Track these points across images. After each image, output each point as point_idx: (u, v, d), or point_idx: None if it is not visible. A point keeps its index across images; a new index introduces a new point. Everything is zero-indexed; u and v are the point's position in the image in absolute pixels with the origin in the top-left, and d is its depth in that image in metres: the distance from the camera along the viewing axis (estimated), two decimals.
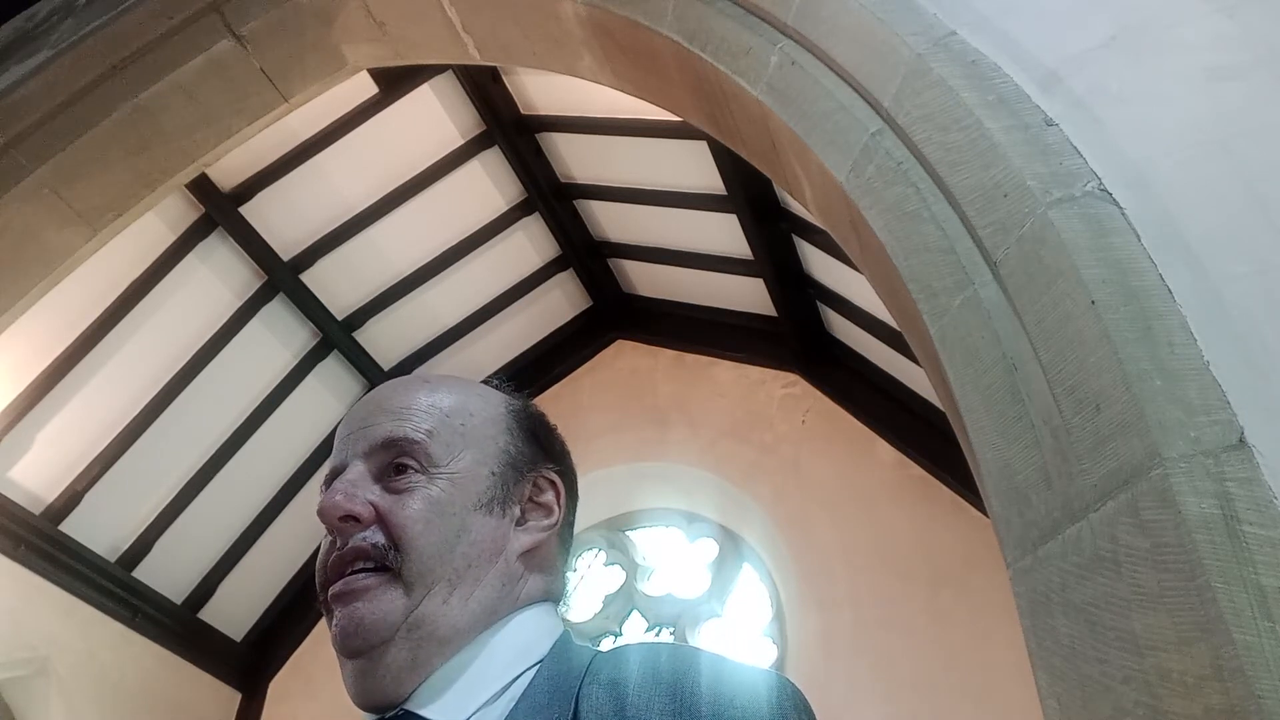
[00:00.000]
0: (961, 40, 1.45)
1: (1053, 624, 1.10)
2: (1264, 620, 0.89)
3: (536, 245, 5.71)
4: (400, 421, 0.96)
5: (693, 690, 0.79)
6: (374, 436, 0.95)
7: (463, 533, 0.92)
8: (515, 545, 0.96)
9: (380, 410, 0.98)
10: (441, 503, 0.92)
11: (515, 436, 1.01)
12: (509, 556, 0.95)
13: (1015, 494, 1.19)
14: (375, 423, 0.96)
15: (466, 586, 0.91)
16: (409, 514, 0.91)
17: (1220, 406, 1.02)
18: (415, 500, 0.92)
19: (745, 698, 0.79)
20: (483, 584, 0.92)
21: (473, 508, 0.94)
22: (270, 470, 5.37)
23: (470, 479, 0.95)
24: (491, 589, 0.93)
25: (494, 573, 0.93)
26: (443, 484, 0.94)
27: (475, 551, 0.92)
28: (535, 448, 1.02)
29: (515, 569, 0.95)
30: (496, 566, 0.94)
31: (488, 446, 0.98)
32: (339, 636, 0.89)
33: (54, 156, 2.57)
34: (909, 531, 4.48)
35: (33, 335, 4.14)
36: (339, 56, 2.65)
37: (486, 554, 0.93)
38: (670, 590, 5.31)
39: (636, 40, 2.06)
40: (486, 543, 0.94)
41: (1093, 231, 1.19)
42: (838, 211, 1.68)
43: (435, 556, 0.90)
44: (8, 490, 4.42)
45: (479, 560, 0.92)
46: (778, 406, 5.24)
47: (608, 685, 0.82)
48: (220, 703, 5.41)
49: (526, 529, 0.97)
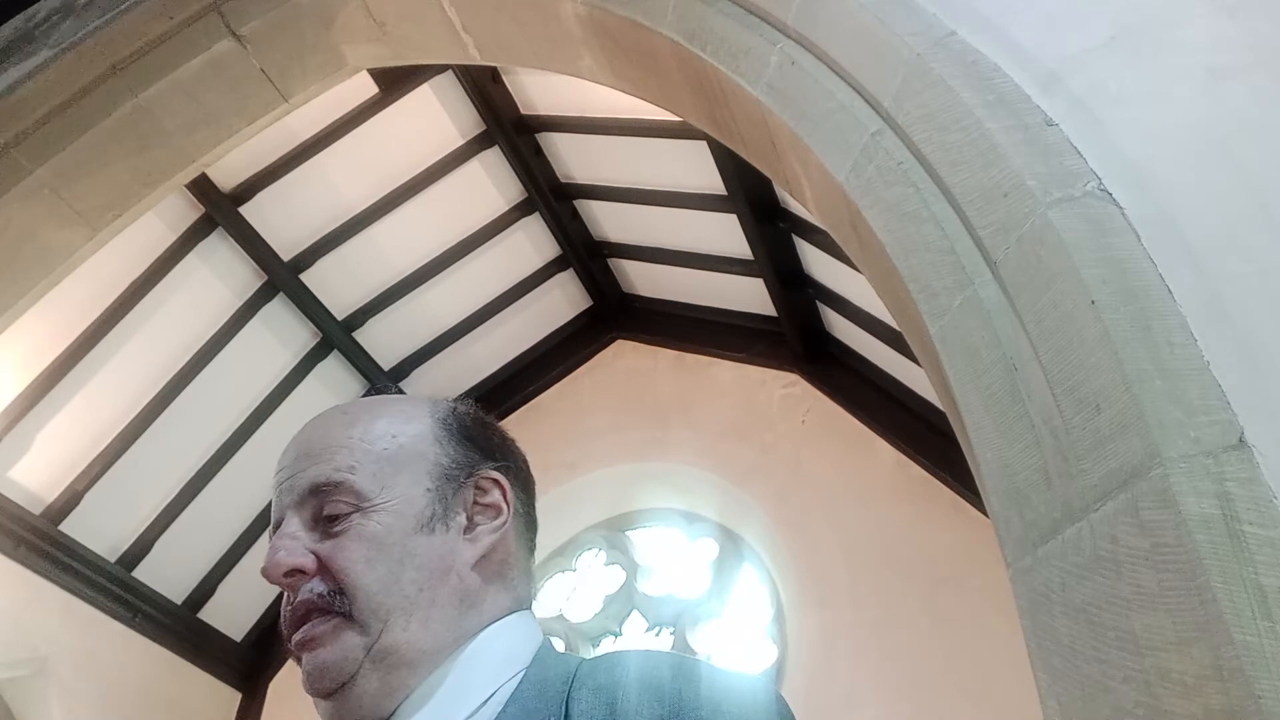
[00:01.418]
0: (961, 40, 1.45)
1: (1053, 624, 1.10)
2: (1264, 620, 0.89)
3: (536, 245, 5.71)
4: (322, 465, 0.95)
5: (683, 697, 0.79)
6: (300, 485, 0.95)
7: (406, 559, 0.92)
8: (465, 557, 0.95)
9: (303, 455, 0.97)
10: (379, 537, 0.92)
11: (446, 445, 1.00)
12: (460, 571, 0.94)
13: (1015, 494, 1.20)
14: (299, 470, 0.96)
15: (422, 610, 0.91)
16: (348, 557, 0.91)
17: (1220, 406, 1.02)
18: (351, 541, 0.92)
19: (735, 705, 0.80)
20: (438, 604, 0.92)
21: (413, 531, 0.93)
22: (271, 470, 5.34)
23: (405, 503, 0.94)
24: (449, 605, 0.92)
25: (447, 590, 0.93)
26: (378, 517, 0.93)
27: (424, 575, 0.92)
28: (470, 450, 1.00)
29: (471, 581, 0.95)
30: (449, 583, 0.93)
31: (418, 464, 0.97)
32: (307, 682, 0.91)
33: (54, 156, 2.57)
34: (909, 531, 4.47)
35: (33, 335, 4.14)
36: (339, 56, 2.66)
37: (436, 574, 0.93)
38: (670, 590, 5.31)
39: (636, 40, 2.06)
40: (434, 563, 0.93)
41: (1093, 231, 1.19)
42: (838, 211, 1.68)
43: (382, 591, 0.90)
44: (8, 490, 4.42)
45: (429, 582, 0.92)
46: (778, 406, 5.24)
47: (597, 690, 0.83)
48: (220, 703, 5.41)
49: (475, 536, 0.96)
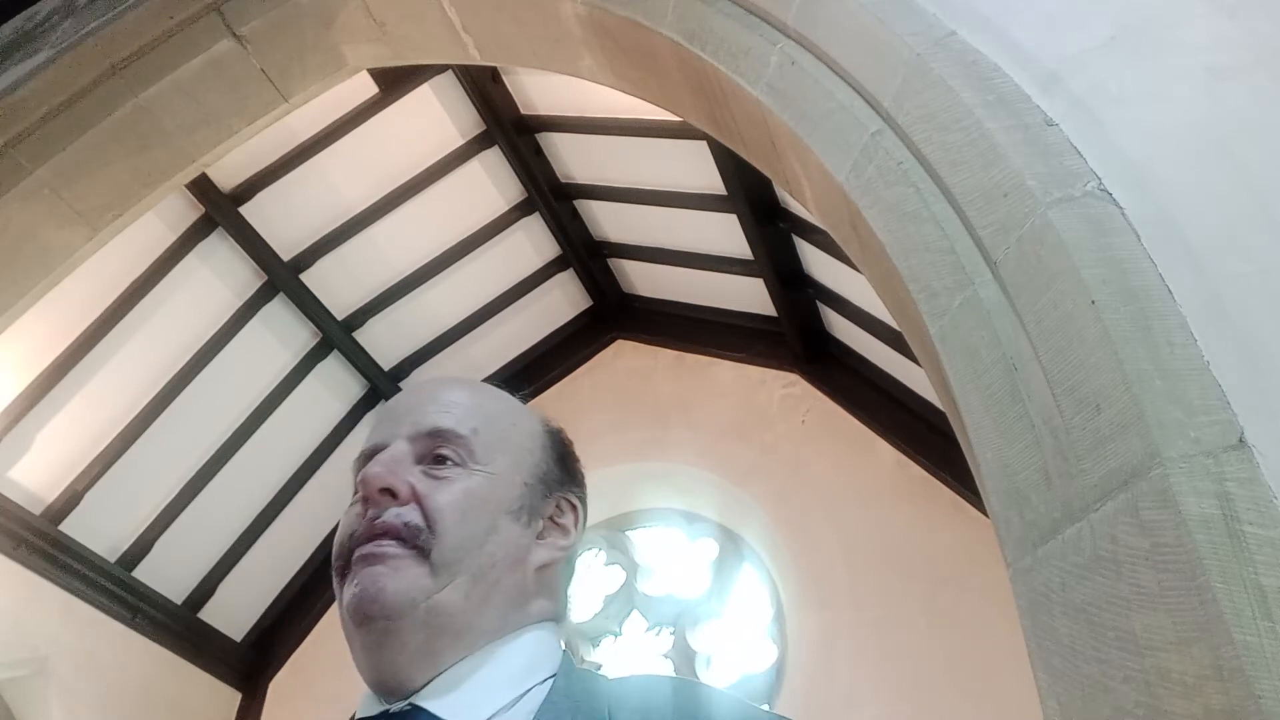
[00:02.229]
0: (961, 40, 1.45)
1: (1053, 624, 1.10)
2: (1264, 620, 0.89)
3: (536, 245, 5.71)
4: (448, 413, 0.98)
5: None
6: (421, 423, 0.97)
7: (492, 532, 0.93)
8: (535, 558, 0.97)
9: (430, 400, 1.00)
10: (478, 497, 0.94)
11: (547, 454, 1.04)
12: (528, 568, 0.96)
13: (1015, 494, 1.20)
14: (424, 410, 0.99)
15: (486, 586, 0.92)
16: (447, 500, 0.92)
17: (1220, 406, 1.02)
18: (454, 489, 0.93)
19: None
20: (501, 587, 0.93)
21: (504, 511, 0.95)
22: (271, 470, 5.37)
23: (505, 483, 0.97)
24: (508, 594, 0.93)
25: (513, 579, 0.94)
26: (480, 480, 0.95)
27: (501, 553, 0.93)
28: (561, 470, 1.04)
29: (530, 582, 0.96)
30: (515, 574, 0.95)
31: (524, 457, 1.01)
32: (356, 599, 0.88)
33: (54, 156, 2.57)
34: (909, 531, 4.47)
35: (33, 335, 4.14)
36: (339, 56, 2.66)
37: (510, 559, 0.94)
38: (670, 590, 5.31)
39: (636, 40, 2.06)
40: (511, 547, 0.95)
41: (1093, 231, 1.19)
42: (838, 211, 1.68)
43: (464, 548, 0.91)
44: (8, 490, 4.42)
45: (502, 563, 0.93)
46: (778, 406, 5.24)
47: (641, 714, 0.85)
48: (220, 703, 5.41)
49: (545, 545, 0.98)
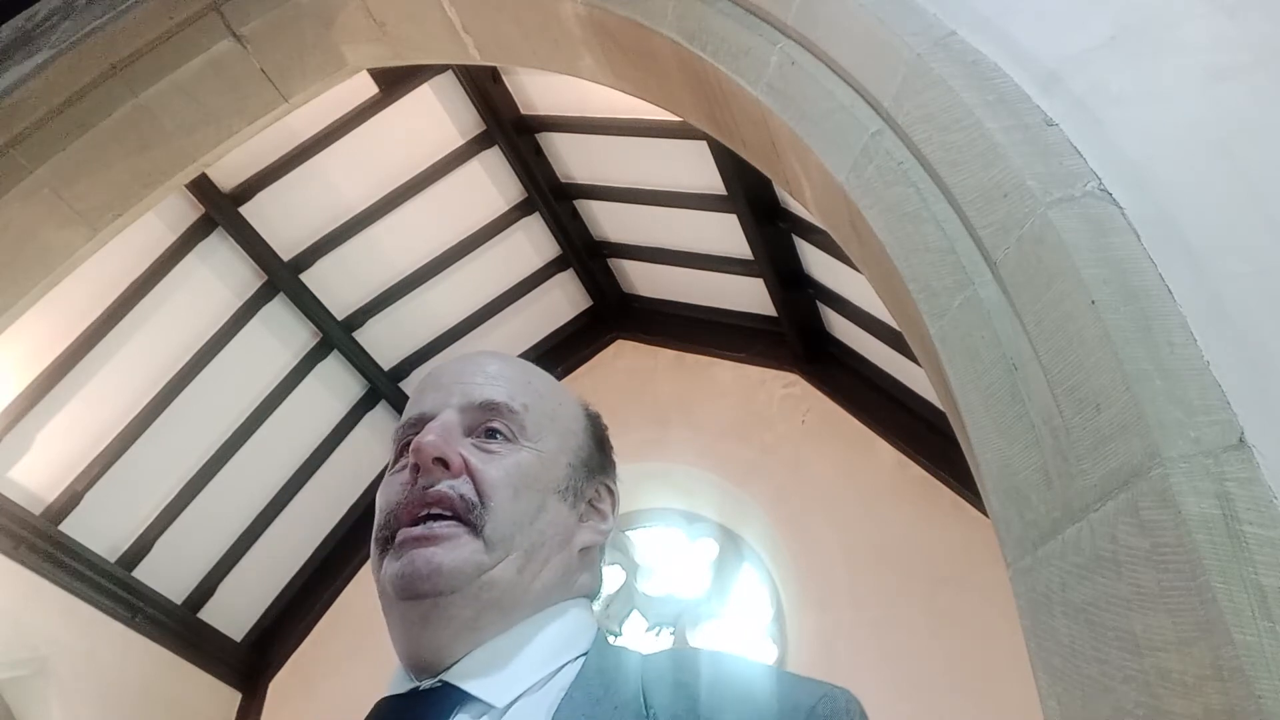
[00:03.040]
0: (961, 40, 1.45)
1: (1053, 624, 1.10)
2: (1264, 620, 0.89)
3: (536, 245, 5.71)
4: (499, 387, 0.97)
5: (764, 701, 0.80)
6: (473, 394, 0.96)
7: (542, 510, 0.93)
8: (579, 539, 0.97)
9: (479, 371, 0.99)
10: (529, 474, 0.93)
11: (589, 437, 1.03)
12: (573, 548, 0.96)
13: (1015, 494, 1.19)
14: (475, 382, 0.97)
15: (536, 564, 0.91)
16: (499, 475, 0.91)
17: (1220, 406, 1.02)
18: (506, 464, 0.92)
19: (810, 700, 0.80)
20: (550, 565, 0.92)
21: (553, 490, 0.95)
22: (271, 470, 5.37)
23: (553, 462, 0.96)
24: (555, 573, 0.93)
25: (560, 558, 0.94)
26: (530, 457, 0.94)
27: (551, 532, 0.93)
28: (600, 456, 1.04)
29: (574, 561, 0.96)
30: (563, 554, 0.94)
31: (569, 439, 1.00)
32: (407, 578, 0.86)
33: (54, 156, 2.57)
34: (909, 531, 4.47)
35: (33, 335, 4.14)
36: (339, 56, 2.65)
37: (558, 538, 0.94)
38: (670, 590, 5.31)
39: (636, 40, 2.06)
40: (560, 527, 0.94)
41: (1093, 231, 1.19)
42: (838, 211, 1.68)
43: (516, 524, 0.90)
44: (8, 490, 4.42)
45: (551, 542, 0.93)
46: (778, 406, 5.24)
47: (675, 687, 0.83)
48: (220, 703, 5.40)
49: (587, 527, 0.99)
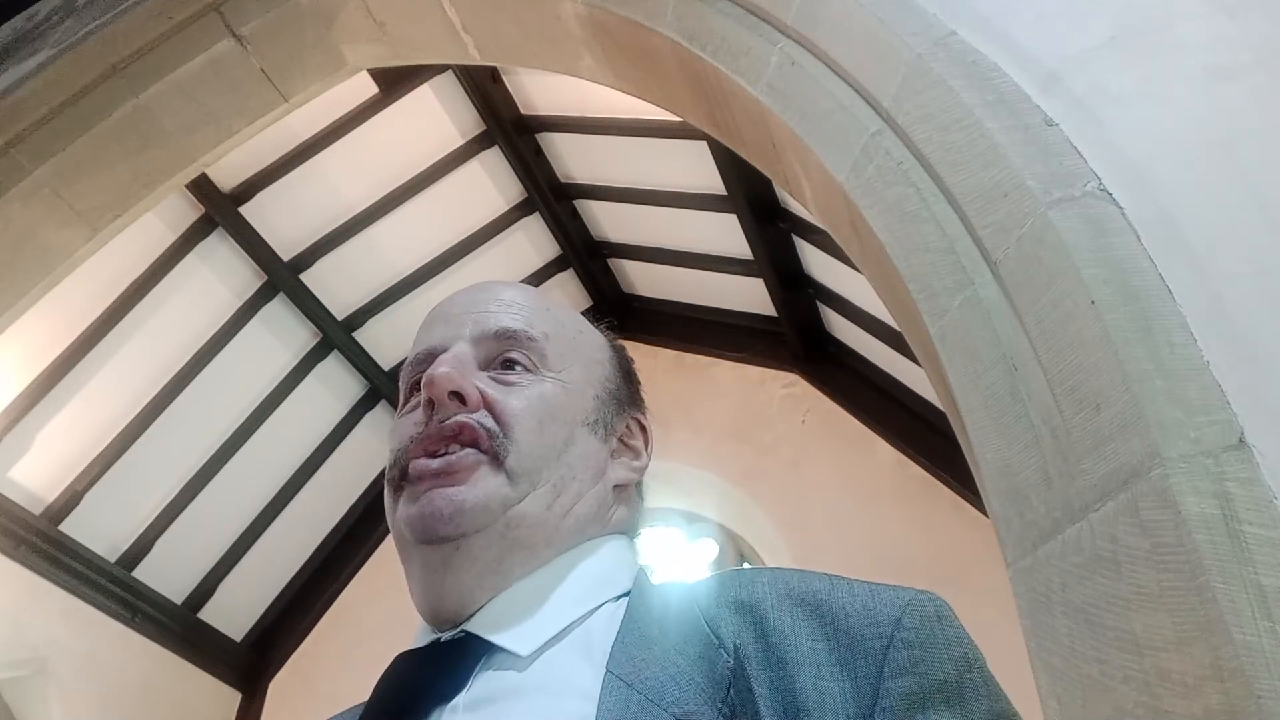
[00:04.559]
0: (961, 40, 1.45)
1: (1053, 624, 1.10)
2: (1264, 620, 0.89)
3: (536, 245, 5.71)
4: (515, 314, 0.89)
5: (838, 610, 0.72)
6: (487, 324, 0.87)
7: (570, 443, 0.84)
8: (612, 474, 0.89)
9: (492, 299, 0.90)
10: (554, 406, 0.85)
11: (615, 369, 0.95)
12: (607, 483, 0.88)
13: (1015, 494, 1.19)
14: (489, 310, 0.89)
15: (568, 499, 0.83)
16: (521, 406, 0.83)
17: (1220, 406, 1.02)
18: (528, 394, 0.84)
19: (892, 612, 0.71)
20: (584, 499, 0.84)
21: (581, 422, 0.86)
22: (271, 470, 5.36)
23: (579, 394, 0.88)
24: (588, 509, 0.85)
25: (594, 492, 0.86)
26: (554, 387, 0.86)
27: (580, 465, 0.85)
28: (629, 389, 0.96)
29: (609, 498, 0.88)
30: (596, 489, 0.86)
31: (594, 369, 0.92)
32: (427, 519, 0.78)
33: (54, 156, 2.57)
34: (909, 531, 4.47)
35: (33, 335, 4.13)
36: (339, 56, 2.65)
37: (590, 473, 0.86)
38: None
39: (636, 40, 2.06)
40: (591, 460, 0.86)
41: (1093, 231, 1.19)
42: (838, 211, 1.68)
43: (543, 457, 0.82)
44: (8, 490, 4.42)
45: (582, 476, 0.85)
46: (778, 406, 5.24)
47: (737, 609, 0.74)
48: (220, 703, 5.40)
49: (620, 464, 0.90)
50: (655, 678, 0.69)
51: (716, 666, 0.70)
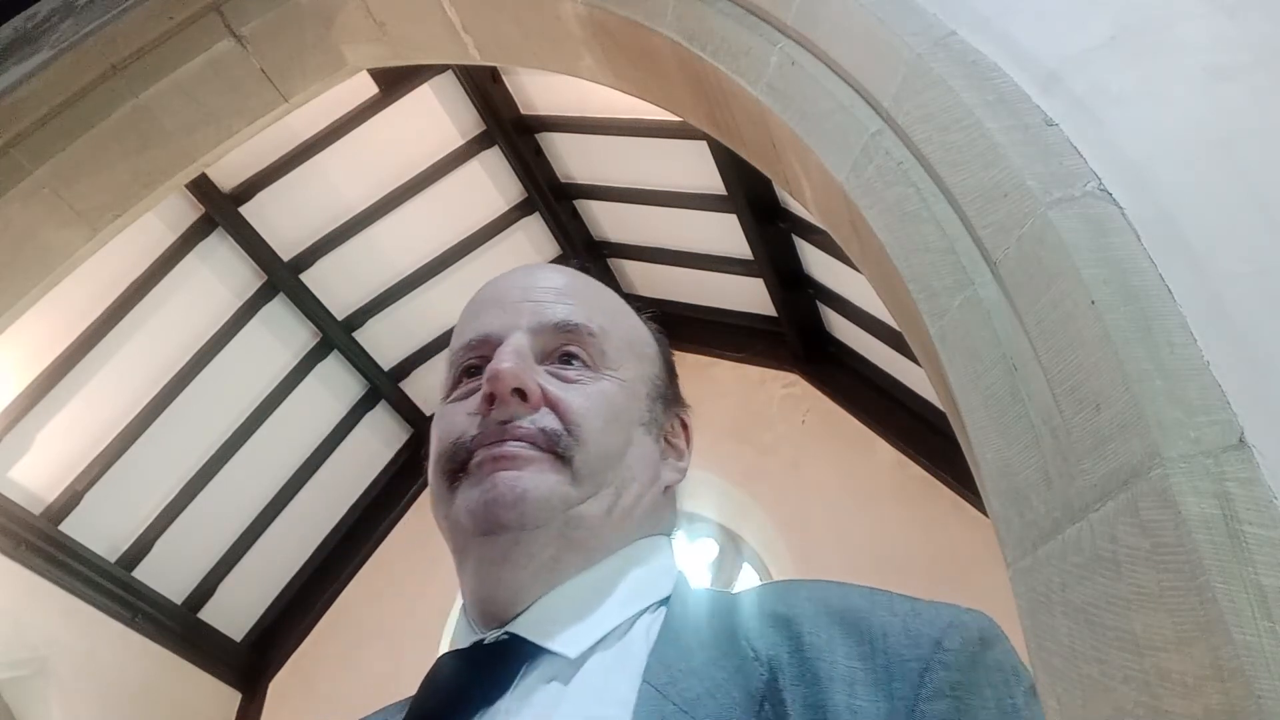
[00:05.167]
0: (961, 40, 1.45)
1: (1053, 624, 1.10)
2: (1264, 620, 0.89)
3: (536, 245, 5.71)
4: (573, 306, 0.85)
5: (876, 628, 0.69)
6: (546, 314, 0.84)
7: (630, 445, 0.82)
8: (664, 476, 0.86)
9: (550, 287, 0.86)
10: (616, 406, 0.82)
11: (661, 365, 0.92)
12: (659, 485, 0.85)
13: (1015, 494, 1.19)
14: (547, 300, 0.85)
15: (627, 502, 0.80)
16: (586, 405, 0.80)
17: (1220, 406, 1.02)
18: (590, 392, 0.81)
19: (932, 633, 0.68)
20: (642, 501, 0.82)
21: (637, 423, 0.84)
22: (271, 470, 5.37)
23: (634, 392, 0.85)
24: (643, 512, 0.82)
25: (650, 494, 0.83)
26: (613, 386, 0.83)
27: (639, 468, 0.82)
28: (674, 385, 0.93)
29: (660, 499, 0.85)
30: (653, 489, 0.84)
31: (645, 367, 0.89)
32: (490, 505, 0.75)
33: (54, 156, 2.57)
34: (909, 531, 4.47)
35: (33, 335, 4.14)
36: (339, 56, 2.65)
37: (648, 475, 0.83)
38: None
39: (636, 40, 2.06)
40: (647, 462, 0.83)
41: (1093, 231, 1.19)
42: (838, 211, 1.68)
43: (607, 459, 0.79)
44: (8, 490, 4.42)
45: (640, 479, 0.82)
46: (778, 406, 5.24)
47: (773, 622, 0.72)
48: (220, 703, 5.41)
49: (668, 465, 0.88)
50: (691, 689, 0.68)
51: (752, 680, 0.68)
